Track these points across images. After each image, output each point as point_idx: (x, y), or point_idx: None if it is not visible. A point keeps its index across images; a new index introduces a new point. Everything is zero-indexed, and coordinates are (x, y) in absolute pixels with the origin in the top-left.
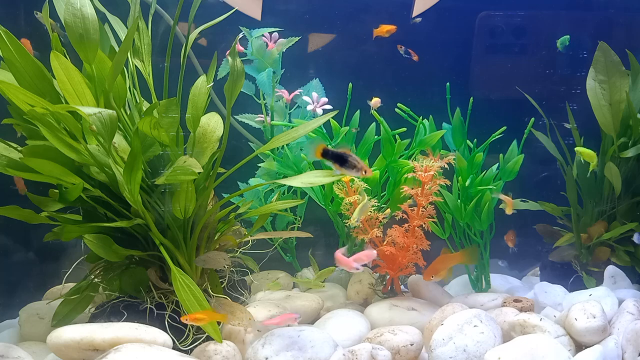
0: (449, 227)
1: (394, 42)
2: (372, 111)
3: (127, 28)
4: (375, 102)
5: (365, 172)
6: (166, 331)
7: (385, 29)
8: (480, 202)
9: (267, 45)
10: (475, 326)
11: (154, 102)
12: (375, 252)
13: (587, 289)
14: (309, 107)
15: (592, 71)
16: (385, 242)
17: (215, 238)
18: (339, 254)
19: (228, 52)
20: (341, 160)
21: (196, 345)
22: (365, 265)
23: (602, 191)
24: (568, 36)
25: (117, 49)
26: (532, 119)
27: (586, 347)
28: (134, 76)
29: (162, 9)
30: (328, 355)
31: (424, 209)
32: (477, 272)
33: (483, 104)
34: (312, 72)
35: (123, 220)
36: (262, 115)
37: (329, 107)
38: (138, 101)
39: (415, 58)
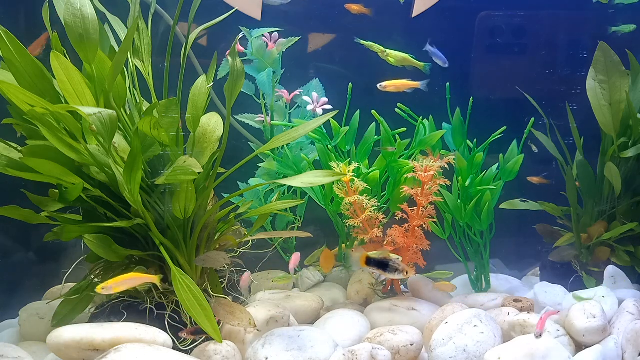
0: (449, 227)
1: (394, 42)
2: (372, 111)
3: (127, 28)
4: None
5: (407, 273)
6: (166, 331)
7: (354, 7)
8: (480, 202)
9: (267, 45)
10: (475, 326)
11: (154, 102)
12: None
13: (587, 288)
14: (309, 107)
15: (592, 71)
16: (385, 242)
17: (215, 238)
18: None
19: (228, 52)
20: (383, 266)
21: (196, 345)
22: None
23: (602, 191)
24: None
25: (117, 49)
26: (532, 119)
27: (586, 347)
28: (134, 76)
29: (162, 9)
30: (328, 355)
31: (424, 209)
32: (477, 272)
33: (483, 104)
34: (312, 72)
35: (123, 220)
36: (262, 115)
37: (329, 107)
38: (138, 101)
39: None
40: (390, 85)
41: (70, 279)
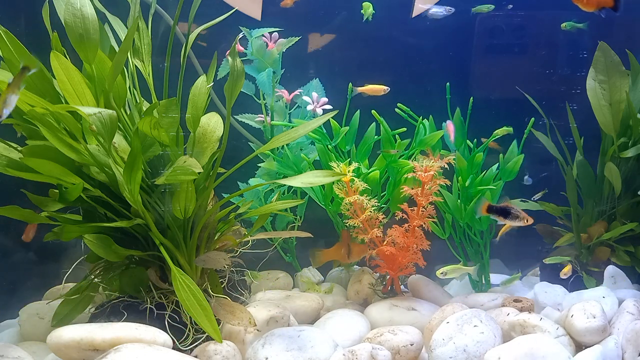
0: (449, 227)
1: (394, 42)
2: (372, 111)
3: (127, 28)
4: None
5: (527, 221)
6: (166, 331)
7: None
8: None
9: (267, 45)
10: (475, 326)
11: (154, 102)
12: None
13: (587, 288)
14: (309, 107)
15: (592, 71)
16: (385, 242)
17: (215, 238)
18: None
19: (228, 52)
20: (505, 213)
21: (196, 345)
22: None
23: (602, 191)
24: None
25: (117, 49)
26: (532, 119)
27: (586, 347)
28: (134, 76)
29: (162, 9)
30: (328, 355)
31: (424, 209)
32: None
33: (483, 104)
34: (312, 72)
35: (123, 220)
36: (262, 115)
37: (329, 107)
38: (138, 101)
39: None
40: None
41: (70, 279)
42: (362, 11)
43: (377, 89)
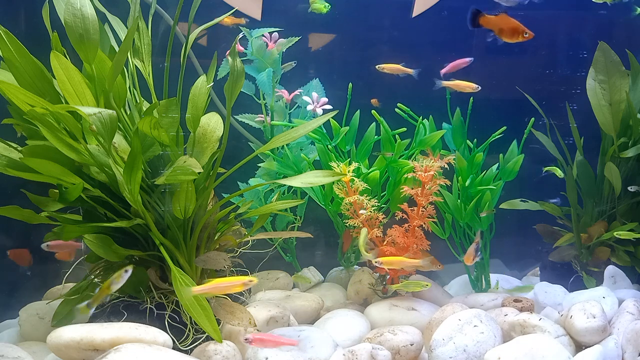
0: (449, 227)
1: (394, 42)
2: (372, 111)
3: (127, 28)
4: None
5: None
6: (166, 331)
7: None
8: (480, 202)
9: (267, 45)
10: (475, 326)
11: (154, 102)
12: None
13: (587, 289)
14: (309, 107)
15: (592, 71)
16: (385, 242)
17: (215, 238)
18: None
19: (228, 52)
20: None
21: (196, 345)
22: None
23: (602, 191)
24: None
25: (117, 49)
26: (532, 119)
27: (586, 347)
28: (134, 76)
29: (162, 9)
30: (328, 355)
31: (424, 209)
32: (477, 272)
33: (483, 104)
34: (312, 72)
35: (123, 220)
36: (262, 115)
37: (329, 107)
38: (138, 101)
39: None
40: (386, 67)
41: (70, 279)
42: None
43: (464, 85)
